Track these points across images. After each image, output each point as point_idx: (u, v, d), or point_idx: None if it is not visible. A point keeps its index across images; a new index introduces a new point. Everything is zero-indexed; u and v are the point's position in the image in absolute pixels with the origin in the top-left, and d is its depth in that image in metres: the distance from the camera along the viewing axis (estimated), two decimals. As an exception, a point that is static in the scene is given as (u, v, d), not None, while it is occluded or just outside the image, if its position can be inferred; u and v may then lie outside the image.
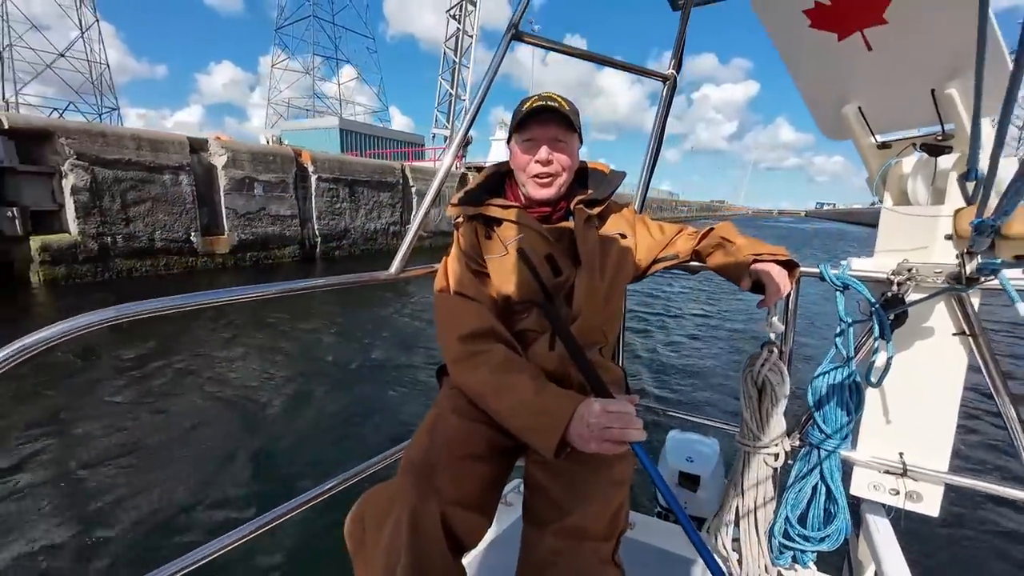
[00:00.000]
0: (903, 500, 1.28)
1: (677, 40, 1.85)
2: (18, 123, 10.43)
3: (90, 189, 11.37)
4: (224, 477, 3.93)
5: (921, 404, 1.26)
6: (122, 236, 12.09)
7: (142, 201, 12.36)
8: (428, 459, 0.91)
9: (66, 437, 4.61)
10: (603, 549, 0.90)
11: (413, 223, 1.35)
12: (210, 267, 14.05)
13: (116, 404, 5.34)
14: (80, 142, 11.13)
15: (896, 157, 1.35)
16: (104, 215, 11.71)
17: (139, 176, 12.22)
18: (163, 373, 6.22)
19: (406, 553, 0.82)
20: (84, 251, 11.45)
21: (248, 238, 14.82)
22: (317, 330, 8.54)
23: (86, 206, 11.36)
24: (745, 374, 1.30)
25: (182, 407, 5.29)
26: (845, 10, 1.26)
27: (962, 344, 1.18)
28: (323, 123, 32.46)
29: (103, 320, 0.75)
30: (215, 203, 14.15)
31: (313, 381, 6.16)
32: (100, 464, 4.10)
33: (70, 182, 11.09)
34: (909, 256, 1.18)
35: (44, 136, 10.74)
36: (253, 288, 0.99)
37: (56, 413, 5.11)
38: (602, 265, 1.09)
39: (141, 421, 4.92)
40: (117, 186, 11.86)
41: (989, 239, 0.84)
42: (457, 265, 1.10)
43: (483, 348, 0.96)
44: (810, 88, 1.52)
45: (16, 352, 0.66)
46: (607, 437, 0.79)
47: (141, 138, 12.30)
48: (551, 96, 1.07)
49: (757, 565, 1.30)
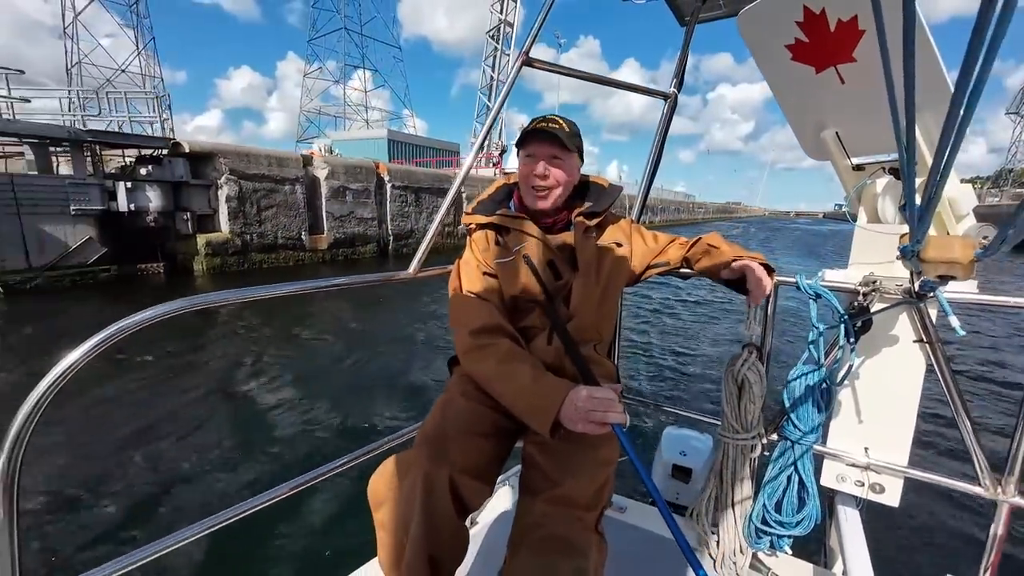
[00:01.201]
0: (867, 491, 1.34)
1: (680, 58, 1.93)
2: (194, 147, 13.58)
3: (237, 197, 14.46)
4: (267, 446, 4.57)
5: (884, 404, 1.34)
6: (256, 234, 15.16)
7: (270, 207, 15.42)
8: (440, 433, 1.04)
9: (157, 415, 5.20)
10: (587, 517, 1.00)
11: (430, 228, 1.45)
12: (313, 261, 17.08)
13: (177, 390, 6.00)
14: (232, 160, 14.23)
15: (869, 178, 1.43)
16: (245, 217, 14.78)
17: (269, 187, 15.29)
18: (206, 365, 6.94)
19: (419, 511, 0.97)
20: (232, 246, 14.53)
21: (341, 237, 17.82)
22: (339, 323, 9.46)
23: (234, 211, 14.44)
24: (727, 373, 1.38)
25: (218, 394, 5.91)
26: (820, 48, 1.36)
27: (921, 351, 1.26)
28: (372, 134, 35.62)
29: (173, 310, 0.86)
30: (317, 208, 17.17)
31: (346, 365, 7.01)
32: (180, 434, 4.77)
33: (224, 192, 14.18)
34: (877, 269, 1.27)
35: (208, 156, 13.85)
36: (287, 285, 1.09)
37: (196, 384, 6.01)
38: (598, 271, 1.21)
39: (192, 405, 5.54)
40: (254, 195, 14.93)
41: (915, 261, 0.92)
42: (469, 267, 1.22)
43: (491, 341, 1.08)
44: (793, 114, 1.59)
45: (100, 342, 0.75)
46: (591, 419, 0.91)
47: (271, 156, 15.39)
48: (553, 118, 1.20)
49: (733, 547, 1.41)
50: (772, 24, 1.40)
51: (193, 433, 4.76)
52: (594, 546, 0.99)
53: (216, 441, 4.62)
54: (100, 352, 0.75)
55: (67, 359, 0.73)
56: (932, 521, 3.37)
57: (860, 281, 1.25)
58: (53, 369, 0.72)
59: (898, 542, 3.16)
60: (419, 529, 0.96)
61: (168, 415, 5.19)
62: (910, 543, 3.18)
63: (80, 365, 0.74)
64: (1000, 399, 5.66)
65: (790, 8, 1.33)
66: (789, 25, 1.36)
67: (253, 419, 5.13)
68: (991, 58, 0.44)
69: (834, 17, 1.28)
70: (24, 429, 0.70)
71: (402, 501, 0.99)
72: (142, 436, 4.70)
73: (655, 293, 11.85)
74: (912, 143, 0.59)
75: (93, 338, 0.75)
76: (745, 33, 1.49)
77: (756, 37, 1.48)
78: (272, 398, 5.69)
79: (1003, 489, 1.21)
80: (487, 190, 1.34)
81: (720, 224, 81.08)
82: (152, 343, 7.28)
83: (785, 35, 1.39)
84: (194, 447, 4.47)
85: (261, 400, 5.63)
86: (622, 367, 1.67)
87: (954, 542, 3.20)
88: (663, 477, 1.93)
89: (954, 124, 0.52)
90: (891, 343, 1.29)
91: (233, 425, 5.00)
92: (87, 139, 12.04)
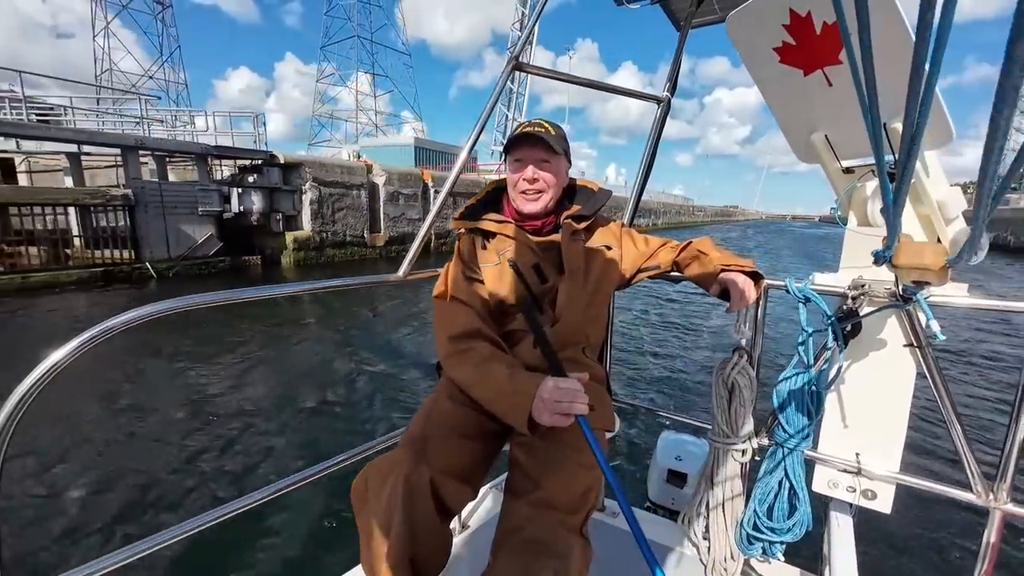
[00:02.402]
0: (858, 497, 1.32)
1: (673, 62, 1.95)
2: (287, 158, 16.11)
3: (317, 200, 16.96)
4: (252, 448, 4.45)
5: (875, 408, 1.31)
6: (330, 232, 17.66)
7: (341, 209, 17.93)
8: (423, 434, 1.05)
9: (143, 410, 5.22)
10: (570, 520, 0.99)
11: (419, 232, 1.44)
12: (372, 256, 19.59)
13: (169, 384, 6.12)
14: (314, 170, 16.75)
15: (859, 182, 1.43)
16: (323, 218, 17.28)
17: (340, 192, 17.81)
18: (198, 364, 6.81)
19: (400, 512, 0.95)
20: (312, 242, 17.03)
21: (394, 235, 20.33)
22: (330, 324, 9.42)
23: (315, 212, 16.94)
24: (717, 376, 1.37)
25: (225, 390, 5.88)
26: (807, 50, 1.34)
27: (911, 355, 1.24)
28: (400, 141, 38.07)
29: (161, 311, 0.84)
30: (376, 210, 19.68)
31: (338, 365, 6.98)
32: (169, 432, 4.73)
33: (307, 196, 16.68)
34: (866, 273, 1.24)
35: (296, 166, 16.36)
36: (278, 287, 1.10)
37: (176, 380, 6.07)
38: (586, 274, 1.21)
39: (180, 402, 5.50)
40: (329, 199, 17.44)
41: (887, 266, 0.90)
42: (455, 271, 1.22)
43: (469, 346, 1.09)
44: (783, 116, 1.59)
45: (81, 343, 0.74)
46: (557, 410, 0.91)
47: (343, 166, 17.93)
48: (540, 123, 1.21)
49: (724, 553, 1.38)
50: (759, 26, 1.40)
51: (174, 436, 4.65)
52: (577, 549, 0.98)
53: (201, 445, 4.48)
54: (84, 352, 0.75)
55: (50, 359, 0.73)
56: (925, 528, 3.32)
57: (849, 284, 1.24)
58: (35, 369, 0.72)
59: (891, 549, 3.12)
60: (400, 530, 0.95)
61: (152, 416, 5.12)
62: (903, 550, 3.13)
63: (63, 365, 0.74)
64: (992, 404, 5.62)
65: (777, 11, 1.33)
66: (776, 28, 1.36)
67: (238, 420, 5.00)
68: (937, 61, 0.43)
69: (819, 20, 1.27)
70: (5, 430, 0.70)
71: (384, 502, 0.97)
72: (128, 437, 4.65)
73: (651, 294, 11.78)
74: (880, 148, 0.57)
75: (77, 338, 0.75)
76: (734, 35, 1.51)
77: (744, 40, 1.49)
78: (258, 400, 5.58)
79: (995, 496, 1.17)
80: (477, 194, 1.33)
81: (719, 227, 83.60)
82: (149, 343, 7.35)
83: (772, 38, 1.39)
84: (175, 450, 4.37)
85: (246, 402, 5.50)
86: (615, 370, 1.53)
87: (948, 549, 3.15)
88: (658, 482, 1.94)
89: (911, 127, 0.51)
90: (880, 347, 1.28)
91: (216, 427, 4.87)
92: (213, 153, 14.61)
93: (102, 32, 50.19)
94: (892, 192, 0.66)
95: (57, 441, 4.50)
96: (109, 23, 50.47)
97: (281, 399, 5.64)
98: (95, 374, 6.07)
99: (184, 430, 4.78)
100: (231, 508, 1.06)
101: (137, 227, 13.03)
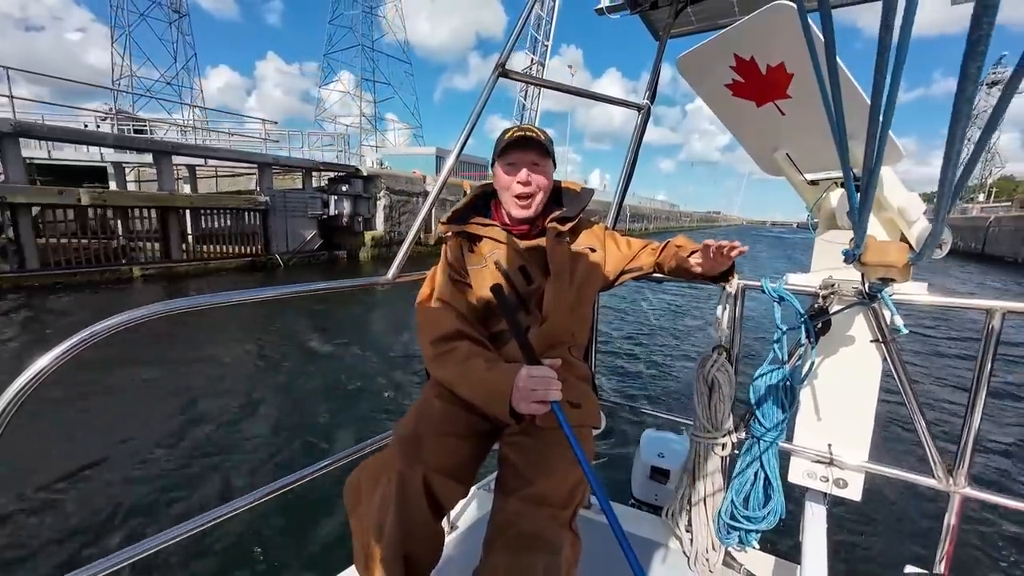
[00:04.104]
0: (831, 486, 1.38)
1: (652, 71, 2.00)
2: (369, 171, 19.68)
3: (389, 206, 20.50)
4: (243, 450, 4.47)
5: (845, 401, 1.38)
6: (397, 232, 21.18)
7: (404, 213, 21.47)
8: (414, 434, 1.06)
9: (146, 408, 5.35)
10: (560, 515, 1.01)
11: (408, 235, 1.49)
12: (425, 253, 23.15)
13: (153, 395, 5.87)
14: (387, 181, 20.30)
15: (825, 192, 1.50)
16: (392, 221, 20.81)
17: (404, 199, 21.37)
18: (189, 365, 6.77)
19: (393, 510, 0.97)
20: (384, 241, 20.54)
21: (439, 236, 23.93)
22: (319, 327, 9.33)
23: (387, 216, 20.47)
24: (698, 374, 1.41)
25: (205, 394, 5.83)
26: (756, 87, 1.40)
27: (877, 350, 1.30)
28: (421, 150, 41.41)
29: (150, 315, 0.84)
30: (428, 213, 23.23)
31: (328, 365, 7.02)
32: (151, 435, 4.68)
33: (382, 203, 20.20)
34: (835, 274, 1.30)
35: (373, 178, 19.88)
36: (268, 290, 1.14)
37: None
38: (571, 275, 1.23)
39: (164, 409, 5.36)
40: (397, 205, 20.98)
41: (856, 264, 0.96)
42: (441, 275, 1.25)
43: (450, 347, 1.12)
44: (744, 140, 1.64)
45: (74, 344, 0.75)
46: (532, 398, 0.94)
47: (407, 177, 21.54)
48: (529, 128, 1.24)
49: (706, 544, 1.44)
50: (710, 66, 1.45)
51: (159, 438, 4.65)
52: (567, 543, 0.99)
53: (192, 446, 4.49)
54: (71, 356, 0.75)
55: (36, 365, 0.73)
56: (893, 513, 3.47)
57: (820, 284, 1.29)
58: (21, 375, 0.72)
59: (862, 535, 3.26)
60: (394, 528, 0.97)
61: (142, 419, 5.10)
62: (873, 535, 3.26)
63: (51, 370, 0.74)
64: (951, 394, 5.94)
65: (722, 55, 1.39)
66: (724, 68, 1.41)
67: (229, 423, 5.04)
68: (896, 81, 0.47)
69: (763, 63, 1.33)
70: None
71: (377, 501, 0.99)
72: (123, 440, 4.61)
73: (636, 296, 11.98)
74: (847, 162, 0.62)
75: (63, 344, 0.75)
76: (686, 74, 1.53)
77: (696, 78, 1.52)
78: (248, 402, 5.58)
79: (955, 480, 1.23)
80: (465, 198, 1.35)
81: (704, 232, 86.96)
82: (148, 343, 7.31)
83: (722, 76, 1.44)
84: (162, 453, 4.37)
85: (237, 404, 5.49)
86: (599, 369, 1.48)
87: (913, 532, 3.30)
88: (642, 479, 2.00)
89: (874, 143, 0.56)
90: (849, 343, 1.33)
91: (208, 429, 4.89)
92: (320, 168, 18.12)
93: (120, 39, 52.50)
94: (859, 200, 0.72)
95: (57, 441, 4.51)
96: (130, 30, 52.78)
97: (271, 401, 5.66)
98: (94, 375, 6.03)
99: (167, 432, 4.76)
100: (225, 510, 1.08)
101: (268, 226, 16.47)
